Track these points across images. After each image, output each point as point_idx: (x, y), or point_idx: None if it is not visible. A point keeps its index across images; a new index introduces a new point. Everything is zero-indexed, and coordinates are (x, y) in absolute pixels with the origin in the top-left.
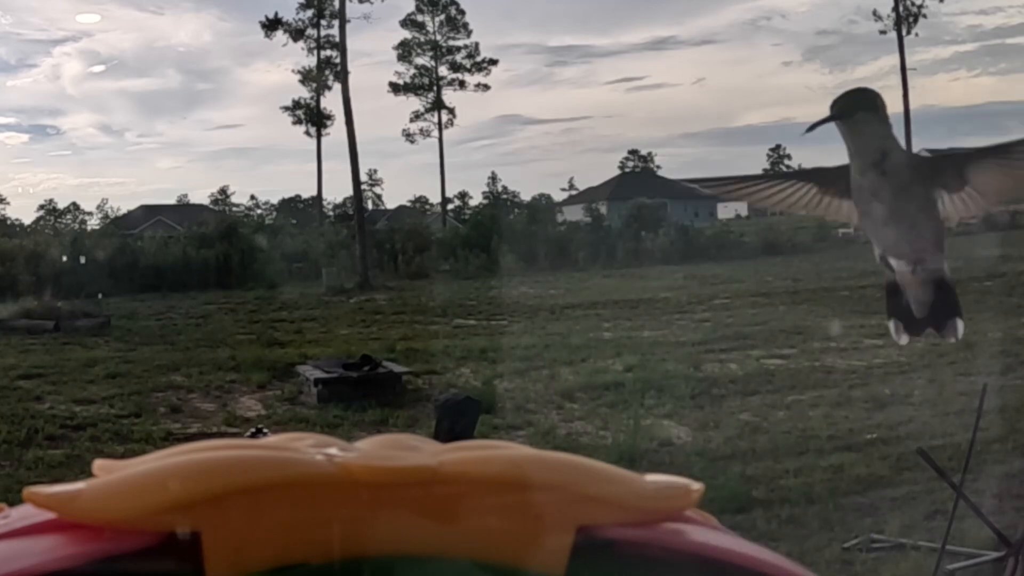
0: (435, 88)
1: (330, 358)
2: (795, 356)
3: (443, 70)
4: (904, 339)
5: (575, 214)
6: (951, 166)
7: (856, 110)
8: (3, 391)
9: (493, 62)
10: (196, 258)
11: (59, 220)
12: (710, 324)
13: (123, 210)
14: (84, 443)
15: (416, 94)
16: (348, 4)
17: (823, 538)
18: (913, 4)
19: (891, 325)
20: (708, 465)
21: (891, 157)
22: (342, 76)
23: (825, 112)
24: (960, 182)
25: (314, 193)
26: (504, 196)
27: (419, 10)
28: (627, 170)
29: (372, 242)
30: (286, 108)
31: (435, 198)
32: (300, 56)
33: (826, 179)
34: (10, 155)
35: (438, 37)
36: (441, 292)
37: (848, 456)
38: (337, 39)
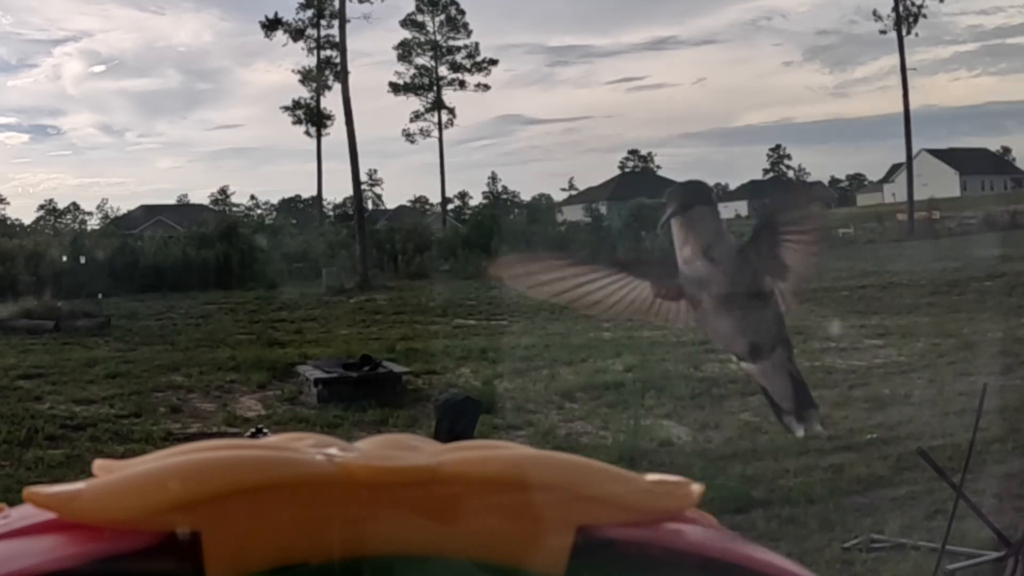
0: (435, 88)
1: (330, 358)
2: (795, 356)
3: (443, 70)
4: (800, 431)
5: (575, 214)
6: (764, 246)
7: (694, 204)
8: (3, 391)
9: (493, 62)
10: (196, 258)
11: (59, 220)
12: None
13: (123, 210)
14: (84, 443)
15: (416, 94)
16: (348, 4)
17: (823, 538)
18: (913, 4)
19: (787, 423)
20: (708, 465)
21: (722, 244)
22: (342, 76)
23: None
24: (780, 267)
25: (314, 193)
26: (504, 196)
27: (419, 10)
28: (627, 170)
29: (372, 242)
30: (286, 108)
31: (435, 198)
32: (300, 56)
33: (659, 275)
34: (10, 155)
35: (438, 37)
36: (441, 292)
37: (848, 456)
38: (337, 39)
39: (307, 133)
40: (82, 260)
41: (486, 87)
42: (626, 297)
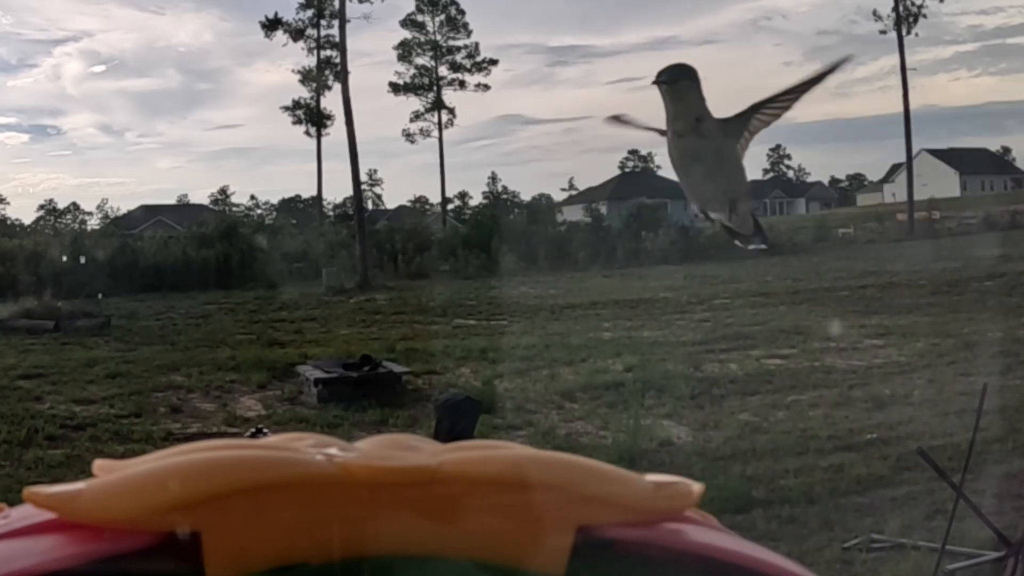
0: (435, 88)
1: (330, 358)
2: (795, 356)
3: (443, 70)
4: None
5: (575, 214)
6: (739, 123)
7: (679, 79)
8: (3, 391)
9: (493, 62)
10: (196, 258)
11: (59, 220)
12: (710, 324)
13: (123, 210)
14: (84, 443)
15: (416, 94)
16: (348, 4)
17: (823, 538)
18: (913, 4)
19: (750, 244)
20: (708, 465)
21: (706, 121)
22: (342, 76)
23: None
24: (742, 133)
25: (314, 193)
26: (504, 196)
27: (419, 10)
28: (627, 170)
29: (372, 242)
30: (286, 108)
31: (435, 198)
32: (300, 56)
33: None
34: (10, 155)
35: (438, 37)
36: (441, 292)
37: (848, 456)
38: (337, 39)
39: (307, 133)
40: (82, 260)
41: (486, 87)
42: None
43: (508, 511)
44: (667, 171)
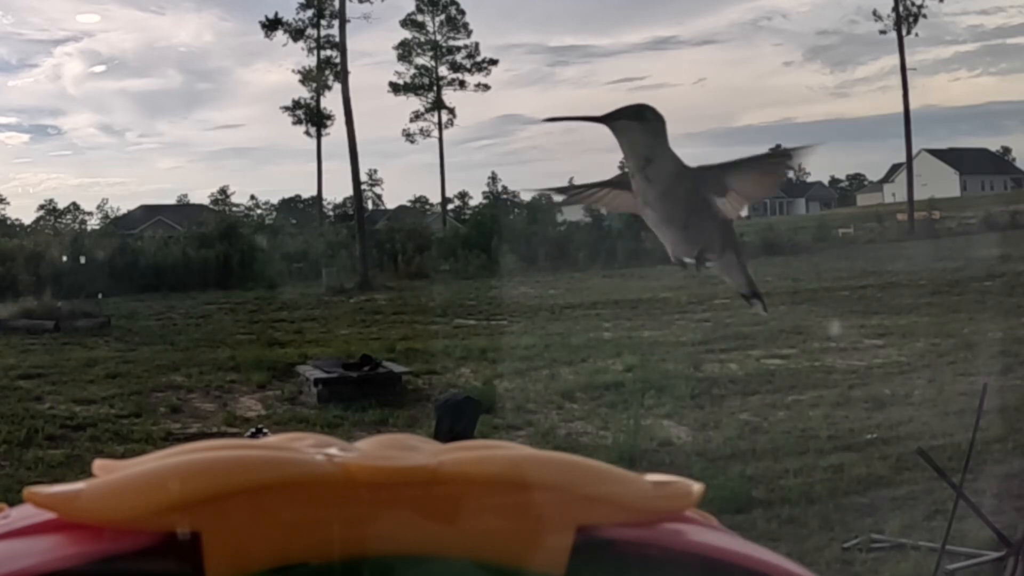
0: (435, 88)
1: (330, 358)
2: (795, 356)
3: (443, 70)
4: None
5: (575, 214)
6: (712, 175)
7: (620, 117)
8: (3, 391)
9: (493, 62)
10: (196, 258)
11: (59, 220)
12: (710, 324)
13: (123, 210)
14: (84, 443)
15: (416, 94)
16: (348, 4)
17: (823, 538)
18: (913, 4)
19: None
20: (708, 465)
21: (655, 164)
22: (342, 76)
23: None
24: (723, 188)
25: (314, 193)
26: (504, 196)
27: (419, 10)
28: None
29: (372, 242)
30: (286, 108)
31: (435, 198)
32: (300, 56)
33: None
34: (10, 155)
35: (438, 37)
36: (441, 292)
37: (848, 456)
38: (337, 39)
39: (307, 133)
40: (82, 260)
41: (486, 87)
42: (614, 201)
43: (508, 511)
44: None
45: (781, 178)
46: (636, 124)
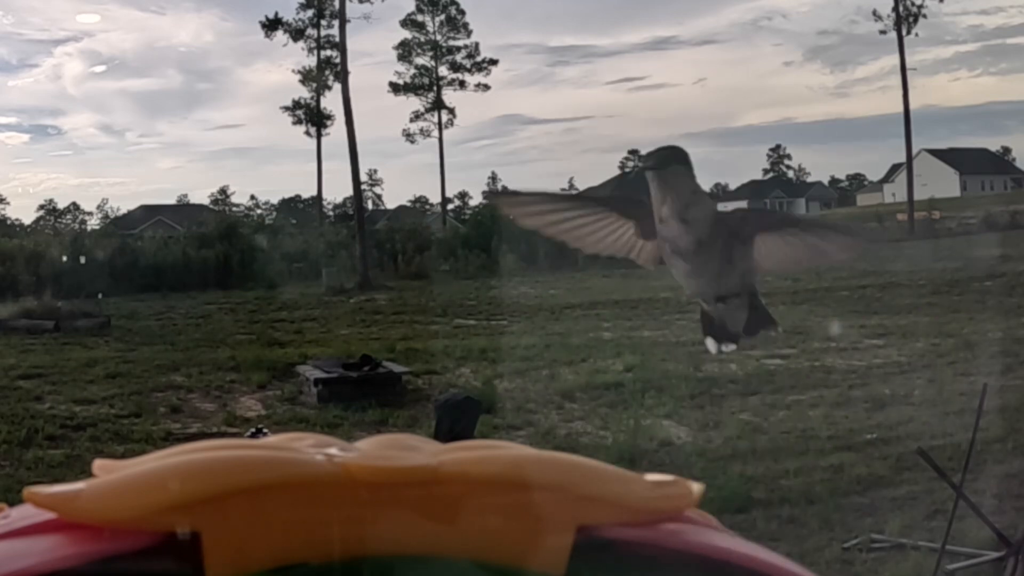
0: (435, 88)
1: (330, 358)
2: (795, 356)
3: (443, 70)
4: (720, 349)
5: None
6: (747, 226)
7: (670, 163)
8: (3, 391)
9: (493, 62)
10: (196, 258)
11: (59, 220)
12: None
13: (123, 210)
14: (84, 443)
15: (416, 94)
16: (348, 4)
17: (823, 538)
18: (913, 4)
19: (707, 342)
20: (708, 465)
21: (695, 209)
22: (342, 76)
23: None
24: (752, 242)
25: (314, 193)
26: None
27: (419, 10)
28: (627, 170)
29: (372, 242)
30: (286, 108)
31: (435, 198)
32: (300, 56)
33: (640, 215)
34: (10, 155)
35: (438, 37)
36: (441, 292)
37: (848, 456)
38: (337, 39)
39: (307, 133)
40: (82, 260)
41: (486, 87)
42: (611, 236)
43: (508, 511)
44: None
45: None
46: (684, 169)
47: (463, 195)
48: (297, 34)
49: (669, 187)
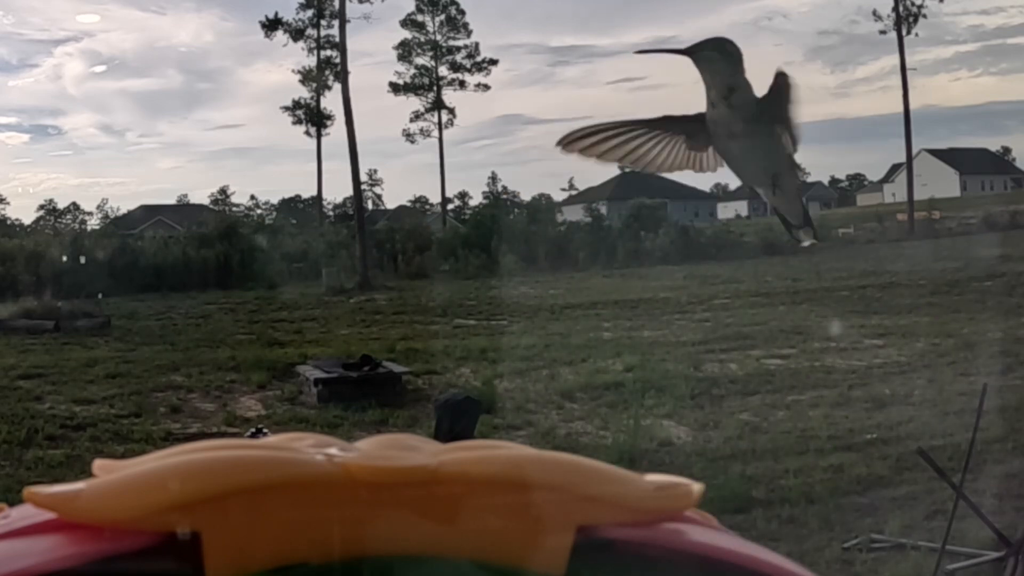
0: (435, 88)
1: (330, 358)
2: (795, 356)
3: (443, 70)
4: (807, 240)
5: (575, 214)
6: (779, 105)
7: (704, 48)
8: (3, 391)
9: (493, 62)
10: (196, 258)
11: (59, 220)
12: (710, 324)
13: (123, 210)
14: (84, 443)
15: (416, 94)
16: (348, 4)
17: (823, 538)
18: (913, 4)
19: (800, 234)
20: (708, 465)
21: (738, 94)
22: (342, 76)
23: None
24: (788, 119)
25: (314, 193)
26: (504, 196)
27: (419, 10)
28: (627, 170)
29: (372, 242)
30: (286, 108)
31: (435, 198)
32: (300, 56)
33: (691, 129)
34: (10, 155)
35: (438, 37)
36: (441, 292)
37: (848, 456)
38: (337, 39)
39: (307, 133)
40: (82, 260)
41: (486, 87)
42: (664, 151)
43: (508, 511)
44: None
45: None
46: (718, 55)
47: (463, 195)
48: (297, 34)
49: (716, 71)
